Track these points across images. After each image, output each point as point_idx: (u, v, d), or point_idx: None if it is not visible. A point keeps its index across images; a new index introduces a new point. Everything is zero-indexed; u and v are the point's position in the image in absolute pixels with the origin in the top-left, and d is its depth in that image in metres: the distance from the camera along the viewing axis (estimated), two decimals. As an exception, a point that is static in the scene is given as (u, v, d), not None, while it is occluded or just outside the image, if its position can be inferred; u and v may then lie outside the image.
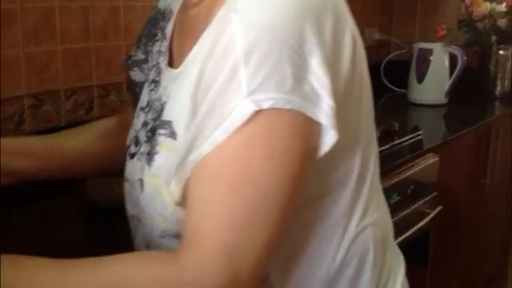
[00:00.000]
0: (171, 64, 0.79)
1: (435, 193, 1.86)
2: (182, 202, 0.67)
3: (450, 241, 2.10)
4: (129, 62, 0.91)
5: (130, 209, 0.80)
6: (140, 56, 0.89)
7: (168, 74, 0.77)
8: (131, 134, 0.82)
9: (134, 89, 0.88)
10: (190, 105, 0.66)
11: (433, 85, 2.37)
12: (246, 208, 0.61)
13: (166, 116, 0.72)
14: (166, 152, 0.70)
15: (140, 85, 0.86)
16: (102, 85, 1.66)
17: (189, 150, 0.65)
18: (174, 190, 0.68)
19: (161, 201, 0.70)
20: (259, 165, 0.61)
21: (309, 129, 0.63)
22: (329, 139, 0.64)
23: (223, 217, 0.61)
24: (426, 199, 1.82)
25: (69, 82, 1.58)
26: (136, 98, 0.86)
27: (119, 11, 1.68)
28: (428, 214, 1.79)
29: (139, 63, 0.89)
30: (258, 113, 0.60)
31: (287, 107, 0.61)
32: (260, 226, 0.61)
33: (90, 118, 1.58)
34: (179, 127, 0.68)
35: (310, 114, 0.62)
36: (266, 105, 0.60)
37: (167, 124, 0.70)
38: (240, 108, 0.61)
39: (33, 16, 1.46)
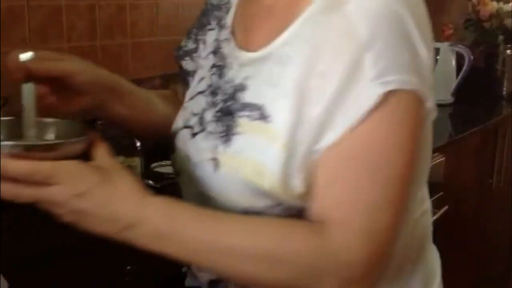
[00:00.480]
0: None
1: (441, 193, 1.85)
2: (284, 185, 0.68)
3: (456, 241, 2.09)
4: (180, 52, 0.92)
5: (193, 188, 0.78)
6: (190, 45, 0.91)
7: (241, 57, 0.77)
8: (186, 116, 0.82)
9: (186, 78, 0.90)
10: (293, 90, 0.68)
11: (440, 85, 2.36)
12: (381, 190, 0.64)
13: (249, 98, 0.73)
14: (250, 134, 0.71)
15: (192, 73, 0.88)
16: (108, 83, 1.67)
17: (307, 137, 0.67)
18: (292, 177, 0.68)
19: (242, 179, 0.71)
20: (391, 147, 0.64)
21: (423, 110, 0.67)
22: (428, 121, 0.71)
23: (361, 200, 0.64)
24: (432, 198, 1.81)
25: (76, 80, 1.58)
26: (188, 86, 0.88)
27: (125, 9, 1.68)
28: (434, 213, 1.78)
29: (189, 53, 0.90)
30: (385, 95, 0.63)
31: (410, 87, 0.65)
32: (392, 208, 0.65)
33: (97, 116, 1.59)
34: (275, 111, 0.70)
35: (424, 96, 0.66)
36: (392, 86, 0.63)
37: (252, 106, 0.72)
38: (367, 92, 0.64)
39: (40, 14, 1.47)
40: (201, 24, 0.90)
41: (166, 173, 1.58)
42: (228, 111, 0.75)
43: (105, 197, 0.64)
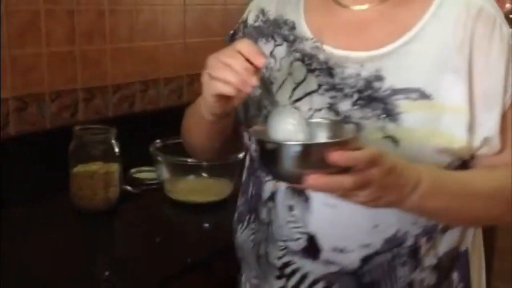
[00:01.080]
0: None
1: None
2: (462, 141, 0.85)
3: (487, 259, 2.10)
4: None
5: None
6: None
7: (360, 56, 0.89)
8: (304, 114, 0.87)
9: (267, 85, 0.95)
10: (437, 64, 0.85)
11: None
12: None
13: (394, 85, 0.86)
14: (417, 109, 0.84)
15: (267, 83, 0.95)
16: (87, 88, 1.67)
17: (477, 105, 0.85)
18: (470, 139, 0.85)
19: (429, 144, 0.84)
20: None
21: None
22: None
23: None
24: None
25: (54, 85, 1.58)
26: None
27: (104, 14, 1.68)
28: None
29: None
30: None
31: None
32: None
33: (75, 122, 1.59)
34: (435, 89, 0.85)
35: None
36: None
37: (406, 90, 0.85)
38: None
39: (18, 19, 1.46)
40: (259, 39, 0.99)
41: (145, 179, 1.59)
42: (373, 98, 0.86)
43: (401, 168, 0.74)
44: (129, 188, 1.52)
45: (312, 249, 0.90)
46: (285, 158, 0.69)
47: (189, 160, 1.45)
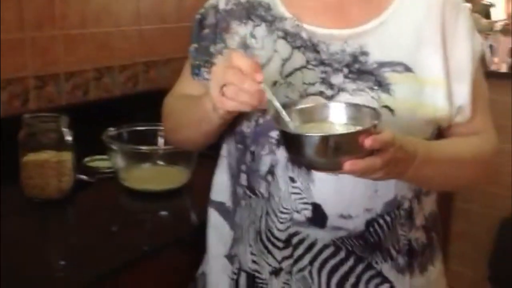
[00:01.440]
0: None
1: None
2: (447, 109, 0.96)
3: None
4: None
5: None
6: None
7: (342, 33, 0.96)
8: (295, 88, 0.94)
9: None
10: (415, 41, 0.95)
11: None
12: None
13: (379, 58, 0.94)
14: (404, 81, 0.93)
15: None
16: (38, 76, 1.62)
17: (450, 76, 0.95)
18: (449, 106, 0.96)
19: (418, 115, 0.93)
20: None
21: None
22: None
23: (489, 112, 1.04)
24: None
25: (4, 73, 1.53)
26: None
27: (54, 0, 1.64)
28: None
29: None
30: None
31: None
32: None
33: (27, 110, 1.55)
34: (415, 64, 0.94)
35: None
36: (479, 46, 1.01)
37: (390, 64, 0.94)
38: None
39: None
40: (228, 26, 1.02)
41: (100, 168, 1.56)
42: (362, 71, 0.94)
43: (404, 144, 0.82)
44: (83, 177, 1.49)
45: (318, 218, 0.95)
46: (323, 148, 0.75)
47: (144, 148, 1.44)
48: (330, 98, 0.94)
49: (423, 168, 0.87)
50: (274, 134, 0.94)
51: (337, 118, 0.85)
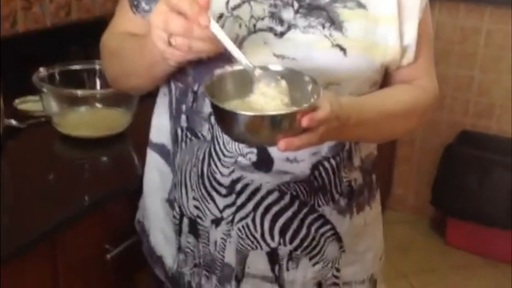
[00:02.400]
0: None
1: None
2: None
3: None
4: None
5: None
6: None
7: None
8: (244, 23, 0.89)
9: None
10: None
11: None
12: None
13: None
14: (357, 19, 0.89)
15: None
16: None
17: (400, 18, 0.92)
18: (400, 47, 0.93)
19: (371, 56, 0.91)
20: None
21: None
22: None
23: (433, 59, 1.02)
24: None
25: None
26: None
27: None
28: None
29: None
30: None
31: None
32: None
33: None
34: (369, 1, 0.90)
35: None
36: None
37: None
38: None
39: None
40: None
41: (32, 111, 1.44)
42: (314, 6, 0.89)
43: (339, 110, 0.80)
44: (13, 122, 1.37)
45: (264, 161, 0.92)
46: (257, 126, 0.74)
47: (79, 92, 1.32)
48: (280, 35, 0.89)
49: (356, 129, 0.87)
50: (219, 72, 0.87)
51: (275, 83, 0.81)
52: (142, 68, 0.90)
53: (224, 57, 0.83)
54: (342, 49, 0.89)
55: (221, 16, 0.89)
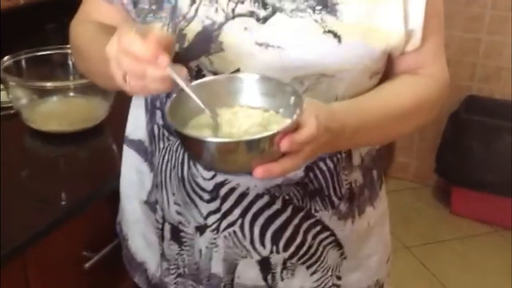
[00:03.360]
0: None
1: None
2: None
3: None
4: None
5: (293, 70, 0.79)
6: None
7: None
8: (221, 7, 0.79)
9: None
10: None
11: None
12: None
13: None
14: (352, 1, 0.79)
15: None
16: None
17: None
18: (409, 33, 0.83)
19: (370, 43, 0.80)
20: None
21: None
22: None
23: (442, 42, 0.90)
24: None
25: None
26: None
27: None
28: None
29: None
30: None
31: None
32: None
33: None
34: None
35: None
36: None
37: None
38: None
39: None
40: None
41: (1, 102, 1.31)
42: None
43: (329, 122, 0.71)
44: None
45: None
46: (229, 154, 0.65)
47: (49, 84, 1.19)
48: (263, 20, 0.79)
49: (355, 138, 0.79)
50: (194, 65, 0.81)
51: (250, 95, 0.72)
52: (104, 73, 0.78)
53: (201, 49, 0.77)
54: (336, 36, 0.79)
55: (194, 0, 0.80)
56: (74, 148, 1.23)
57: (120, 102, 1.19)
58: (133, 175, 0.98)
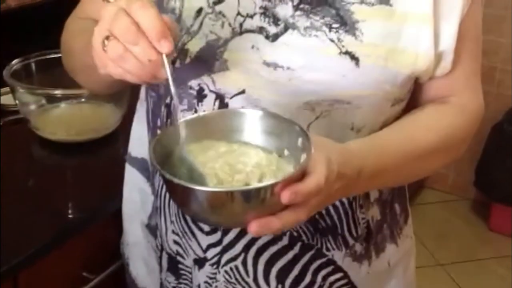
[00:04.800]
0: None
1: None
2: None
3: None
4: None
5: (300, 97, 0.73)
6: None
7: None
8: (227, 20, 0.73)
9: None
10: None
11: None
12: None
13: None
14: (377, 18, 0.71)
15: None
16: None
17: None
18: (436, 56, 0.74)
19: (393, 66, 0.72)
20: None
21: None
22: None
23: (478, 67, 0.81)
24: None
25: None
26: None
27: None
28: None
29: None
30: None
31: None
32: None
33: None
34: None
35: None
36: None
37: None
38: None
39: None
40: None
41: (8, 106, 1.26)
42: (321, 1, 0.72)
43: (343, 166, 0.63)
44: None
45: None
46: (221, 204, 0.56)
47: (58, 92, 1.14)
48: (273, 37, 0.73)
49: (373, 181, 0.71)
50: (195, 84, 0.75)
51: (250, 133, 0.64)
52: (84, 66, 0.75)
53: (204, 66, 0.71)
54: (354, 58, 0.71)
55: (199, 11, 0.73)
56: (81, 159, 1.17)
57: (134, 111, 1.13)
58: (135, 194, 0.92)
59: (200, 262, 0.82)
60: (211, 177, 0.58)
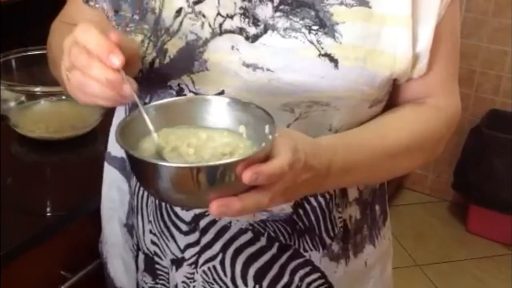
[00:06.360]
0: None
1: None
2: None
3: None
4: None
5: (281, 97, 0.73)
6: None
7: None
8: (207, 21, 0.73)
9: None
10: None
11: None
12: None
13: None
14: (356, 20, 0.71)
15: None
16: None
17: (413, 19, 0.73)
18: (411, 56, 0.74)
19: (372, 68, 0.73)
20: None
21: None
22: None
23: (455, 70, 0.81)
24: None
25: None
26: None
27: None
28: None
29: None
30: None
31: None
32: None
33: None
34: None
35: None
36: None
37: None
38: None
39: None
40: None
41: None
42: (300, 2, 0.72)
43: (312, 158, 0.64)
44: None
45: None
46: (184, 182, 0.56)
47: (37, 89, 1.13)
48: (253, 38, 0.73)
49: (344, 177, 0.71)
50: (175, 84, 0.75)
51: (216, 119, 0.65)
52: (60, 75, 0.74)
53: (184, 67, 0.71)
54: (333, 60, 0.71)
55: (179, 11, 0.73)
56: (61, 157, 1.17)
57: (113, 109, 1.13)
58: (114, 193, 0.92)
59: (177, 262, 0.82)
60: (177, 160, 0.59)
